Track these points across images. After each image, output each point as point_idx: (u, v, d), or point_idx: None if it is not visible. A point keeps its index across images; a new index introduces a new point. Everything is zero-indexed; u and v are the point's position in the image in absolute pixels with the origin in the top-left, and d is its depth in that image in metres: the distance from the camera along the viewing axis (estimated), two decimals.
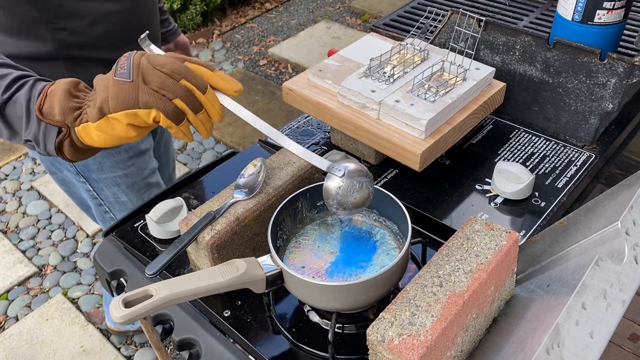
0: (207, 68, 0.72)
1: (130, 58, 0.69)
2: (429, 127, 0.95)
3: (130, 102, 0.68)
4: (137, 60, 0.69)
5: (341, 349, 0.79)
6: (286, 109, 2.94)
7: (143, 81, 0.68)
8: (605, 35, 1.06)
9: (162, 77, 0.68)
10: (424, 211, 0.98)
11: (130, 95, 0.68)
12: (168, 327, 0.87)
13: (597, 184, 1.08)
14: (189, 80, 0.70)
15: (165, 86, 0.68)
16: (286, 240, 0.84)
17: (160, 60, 0.69)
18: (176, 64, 0.69)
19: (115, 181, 1.31)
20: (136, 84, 0.68)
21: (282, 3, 4.02)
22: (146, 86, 0.68)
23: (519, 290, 0.75)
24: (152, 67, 0.69)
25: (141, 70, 0.68)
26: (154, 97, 0.68)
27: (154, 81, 0.68)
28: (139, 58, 0.69)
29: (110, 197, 1.34)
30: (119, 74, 0.68)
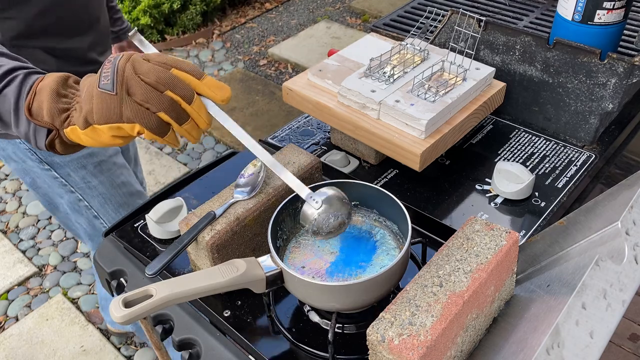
0: (195, 75, 0.68)
1: (114, 65, 0.66)
2: (429, 127, 0.95)
3: (114, 116, 0.66)
4: (121, 69, 0.65)
5: (341, 349, 0.79)
6: (286, 109, 2.94)
7: (127, 93, 0.65)
8: (605, 35, 1.06)
9: (146, 90, 0.65)
10: (424, 211, 0.98)
11: (113, 110, 0.65)
12: (168, 327, 0.87)
13: (597, 184, 1.08)
14: (175, 91, 0.66)
15: (149, 99, 0.65)
16: (286, 240, 0.84)
17: (145, 68, 0.66)
18: (162, 73, 0.66)
19: (81, 162, 1.27)
20: (120, 97, 0.65)
21: (282, 3, 4.02)
22: (130, 99, 0.65)
23: (519, 290, 0.75)
24: (137, 77, 0.65)
25: (125, 81, 0.65)
26: (137, 112, 0.65)
27: (138, 93, 0.65)
28: (124, 65, 0.66)
29: (80, 182, 1.29)
30: (103, 84, 0.65)
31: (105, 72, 0.66)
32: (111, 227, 1.01)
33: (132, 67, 0.66)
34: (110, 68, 0.66)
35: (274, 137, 1.19)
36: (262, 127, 2.86)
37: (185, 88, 0.67)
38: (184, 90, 0.67)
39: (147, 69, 0.65)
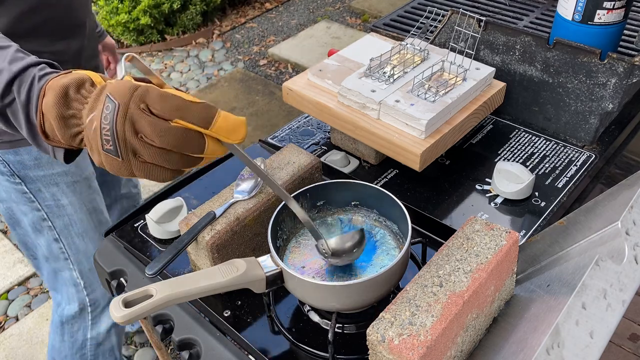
0: (203, 125, 0.58)
1: (112, 126, 0.57)
2: (429, 127, 0.95)
3: (125, 173, 0.60)
4: (120, 132, 0.57)
5: (341, 349, 0.79)
6: (286, 109, 2.94)
7: (133, 155, 0.59)
8: (605, 35, 1.06)
9: (153, 153, 0.58)
10: (424, 211, 0.98)
11: (123, 170, 0.60)
12: (168, 327, 0.87)
13: (597, 184, 1.08)
14: (183, 151, 0.59)
15: (157, 161, 0.59)
16: (286, 240, 0.84)
17: (147, 129, 0.57)
18: (167, 136, 0.57)
19: (54, 179, 1.22)
20: (127, 161, 0.59)
21: (282, 3, 4.02)
22: (137, 160, 0.59)
23: (519, 290, 0.75)
24: (140, 140, 0.58)
25: (128, 145, 0.58)
26: (149, 170, 0.60)
27: (145, 155, 0.59)
28: (122, 127, 0.57)
29: (49, 199, 1.23)
30: (106, 149, 0.58)
31: (105, 134, 0.58)
32: (111, 227, 1.01)
33: (132, 129, 0.57)
34: (109, 130, 0.57)
35: (274, 137, 1.19)
36: (262, 127, 2.86)
37: (193, 145, 0.59)
38: (192, 148, 0.59)
39: (149, 130, 0.57)
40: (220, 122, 0.59)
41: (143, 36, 3.44)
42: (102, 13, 3.27)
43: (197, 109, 0.57)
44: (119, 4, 3.24)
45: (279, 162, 0.92)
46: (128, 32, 3.36)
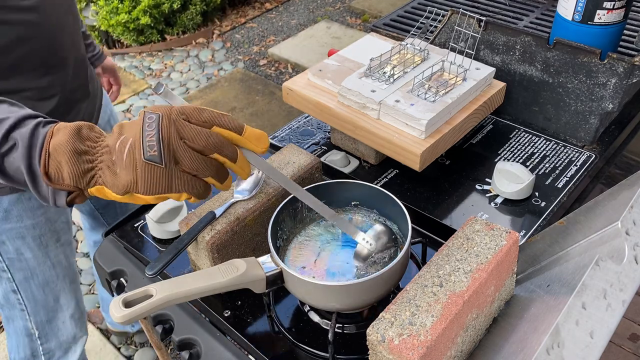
0: (237, 131, 0.64)
1: (157, 131, 0.60)
2: (429, 127, 0.95)
3: (162, 188, 0.61)
4: (166, 136, 0.60)
5: (341, 349, 0.79)
6: (286, 109, 2.95)
7: (174, 162, 0.61)
8: (605, 35, 1.06)
9: (195, 158, 0.61)
10: (424, 211, 0.98)
11: (161, 182, 0.61)
12: (168, 327, 0.87)
13: (597, 184, 1.08)
14: (221, 154, 0.63)
15: (198, 168, 0.62)
16: (286, 240, 0.84)
17: (191, 133, 0.61)
18: (209, 138, 0.62)
19: (21, 233, 1.15)
20: (169, 170, 0.61)
21: (282, 3, 4.02)
22: (178, 169, 0.61)
23: (519, 290, 0.75)
24: (184, 144, 0.61)
25: (172, 150, 0.60)
26: (186, 181, 0.62)
27: (187, 162, 0.61)
28: (168, 131, 0.60)
29: (11, 252, 1.17)
30: (150, 155, 0.60)
31: (150, 141, 0.60)
32: (111, 227, 1.01)
33: (176, 133, 0.61)
34: (154, 135, 0.60)
35: (274, 137, 1.19)
36: (262, 127, 2.86)
37: (231, 149, 0.64)
38: (230, 152, 0.64)
39: (192, 134, 0.61)
40: (249, 130, 0.65)
41: (143, 36, 3.44)
42: (102, 13, 3.27)
43: (229, 118, 0.64)
44: (119, 4, 3.24)
45: (279, 162, 0.92)
46: (128, 32, 3.36)
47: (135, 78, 3.30)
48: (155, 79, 3.30)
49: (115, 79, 1.51)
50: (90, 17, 3.38)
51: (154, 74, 3.33)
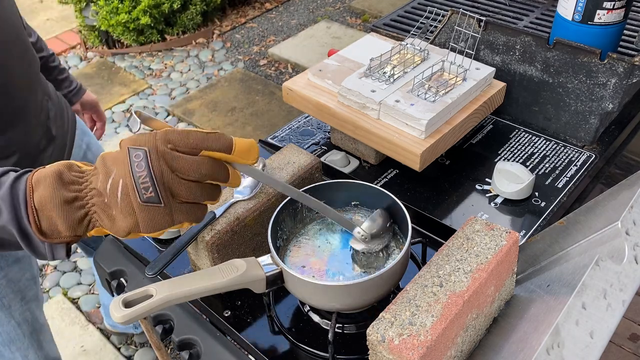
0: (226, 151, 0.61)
1: (150, 171, 0.57)
2: (429, 127, 0.95)
3: (165, 224, 0.60)
4: (159, 175, 0.57)
5: (341, 349, 0.79)
6: (286, 109, 2.94)
7: (172, 197, 0.59)
8: (605, 35, 1.06)
9: (191, 188, 0.59)
10: (424, 211, 0.98)
11: (164, 219, 0.59)
12: (168, 327, 0.87)
13: (597, 184, 1.08)
14: (215, 179, 0.61)
15: (195, 196, 0.60)
16: (286, 240, 0.84)
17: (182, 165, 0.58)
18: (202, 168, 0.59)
19: None
20: (169, 206, 0.58)
21: (282, 3, 4.02)
22: (176, 202, 0.59)
23: (519, 290, 0.75)
24: (178, 178, 0.58)
25: (168, 186, 0.58)
26: (187, 211, 0.60)
27: (184, 194, 0.59)
28: (160, 169, 0.57)
29: None
30: (147, 197, 0.57)
31: (143, 182, 0.57)
32: None
33: (168, 168, 0.58)
34: (146, 175, 0.57)
35: (274, 137, 1.19)
36: (262, 127, 2.86)
37: (223, 173, 0.62)
38: (223, 175, 0.62)
39: (184, 166, 0.58)
40: (238, 146, 0.62)
41: (143, 36, 3.44)
42: (102, 13, 3.27)
43: (216, 138, 0.60)
44: (119, 4, 3.24)
45: (279, 162, 0.92)
46: (128, 32, 3.36)
47: (136, 78, 3.30)
48: (156, 79, 3.29)
49: (98, 114, 1.39)
50: (90, 17, 3.37)
51: (154, 74, 3.33)
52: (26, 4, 4.17)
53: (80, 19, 3.45)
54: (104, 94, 3.19)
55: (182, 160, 0.58)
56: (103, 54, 3.52)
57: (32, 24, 3.99)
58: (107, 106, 3.09)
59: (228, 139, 0.61)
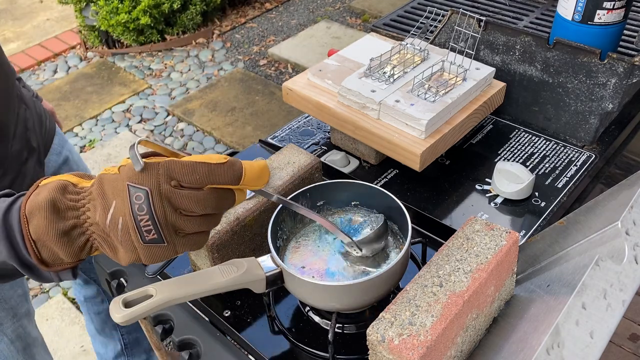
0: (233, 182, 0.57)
1: (152, 214, 0.54)
2: (429, 127, 0.95)
3: (167, 256, 0.58)
4: (162, 217, 0.54)
5: (341, 349, 0.79)
6: (286, 109, 2.94)
7: (176, 233, 0.57)
8: (605, 35, 1.06)
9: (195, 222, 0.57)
10: (424, 211, 0.98)
11: (167, 253, 0.57)
12: (168, 327, 0.87)
13: (597, 184, 1.08)
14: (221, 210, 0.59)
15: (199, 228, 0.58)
16: (286, 240, 0.84)
17: (187, 203, 0.55)
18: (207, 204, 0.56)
19: None
20: (172, 243, 0.56)
21: (282, 3, 4.02)
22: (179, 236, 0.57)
23: (519, 290, 0.75)
24: (182, 216, 0.56)
25: (170, 224, 0.55)
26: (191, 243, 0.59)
27: (188, 228, 0.57)
28: (163, 211, 0.54)
29: None
30: (149, 240, 0.55)
31: (145, 225, 0.54)
32: None
33: (170, 207, 0.54)
34: (148, 219, 0.54)
35: (274, 137, 1.19)
36: (262, 127, 2.86)
37: (230, 200, 0.59)
38: (230, 203, 0.59)
39: (188, 204, 0.55)
40: (248, 175, 0.58)
41: (143, 36, 3.45)
42: (102, 13, 3.27)
43: (225, 170, 0.56)
44: (119, 4, 3.24)
45: (279, 162, 0.92)
46: (128, 32, 3.36)
47: (135, 78, 3.30)
48: (156, 79, 3.29)
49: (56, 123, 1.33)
50: (90, 17, 3.38)
51: (154, 74, 3.33)
52: (26, 4, 4.17)
53: (80, 19, 3.45)
54: (103, 94, 3.19)
55: (186, 198, 0.55)
56: (103, 54, 3.52)
57: (32, 23, 3.99)
58: (107, 106, 3.10)
59: (237, 170, 0.57)
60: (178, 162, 0.55)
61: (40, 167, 1.12)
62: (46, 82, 3.30)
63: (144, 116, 3.02)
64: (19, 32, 3.77)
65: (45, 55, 3.53)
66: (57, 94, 3.19)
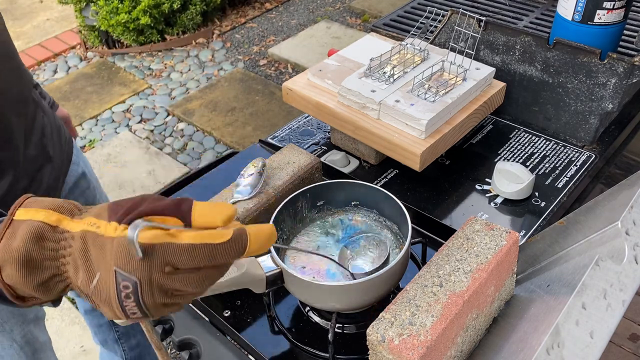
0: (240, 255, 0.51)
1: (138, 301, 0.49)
2: (429, 127, 0.95)
3: None
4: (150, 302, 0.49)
5: (341, 349, 0.78)
6: (286, 109, 2.94)
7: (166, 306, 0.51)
8: (605, 35, 1.06)
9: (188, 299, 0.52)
10: (424, 211, 0.98)
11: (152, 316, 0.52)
12: (168, 327, 0.87)
13: (597, 184, 1.08)
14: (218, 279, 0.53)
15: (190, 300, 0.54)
16: (286, 240, 0.84)
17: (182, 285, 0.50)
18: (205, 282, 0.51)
19: None
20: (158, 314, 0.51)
21: (282, 3, 4.02)
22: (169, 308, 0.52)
23: (519, 290, 0.75)
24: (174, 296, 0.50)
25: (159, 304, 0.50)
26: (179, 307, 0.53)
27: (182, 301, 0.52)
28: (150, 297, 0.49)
29: None
30: (135, 318, 0.50)
31: (131, 309, 0.49)
32: None
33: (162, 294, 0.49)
34: (135, 306, 0.49)
35: (274, 137, 1.19)
36: (262, 127, 2.86)
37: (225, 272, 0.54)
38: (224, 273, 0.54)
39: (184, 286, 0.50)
40: (253, 246, 0.52)
41: (143, 36, 3.44)
42: (102, 13, 3.27)
43: (228, 248, 0.50)
44: (119, 4, 3.24)
45: (279, 162, 0.92)
46: (128, 32, 3.36)
47: (135, 78, 3.30)
48: (156, 79, 3.29)
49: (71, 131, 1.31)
50: (90, 17, 3.37)
51: (154, 74, 3.33)
52: (26, 4, 4.17)
53: (80, 19, 3.45)
54: (104, 94, 3.19)
55: (180, 282, 0.50)
56: (103, 54, 3.52)
57: (32, 24, 3.99)
58: (107, 106, 3.10)
59: (242, 245, 0.50)
60: (176, 247, 0.49)
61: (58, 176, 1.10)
62: (46, 82, 3.30)
63: (144, 116, 3.02)
64: (19, 32, 3.78)
65: (45, 55, 3.53)
66: (57, 94, 3.19)
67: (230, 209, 0.51)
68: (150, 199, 0.51)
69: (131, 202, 0.50)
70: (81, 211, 0.52)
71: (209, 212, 0.51)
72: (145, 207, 0.50)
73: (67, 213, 0.52)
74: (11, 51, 0.98)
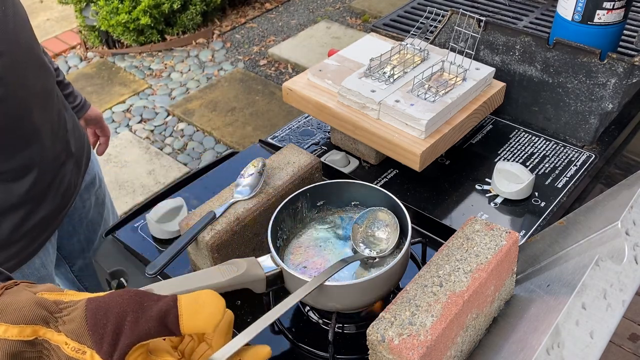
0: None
1: None
2: (429, 127, 0.95)
3: None
4: None
5: (341, 349, 0.78)
6: (286, 109, 2.94)
7: None
8: (605, 35, 1.06)
9: None
10: (424, 211, 0.98)
11: None
12: None
13: (597, 184, 1.08)
14: None
15: None
16: (286, 240, 0.84)
17: None
18: None
19: None
20: None
21: (282, 3, 4.02)
22: None
23: (519, 290, 0.75)
24: None
25: None
26: None
27: None
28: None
29: None
30: None
31: None
32: (111, 227, 1.01)
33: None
34: None
35: (274, 137, 1.19)
36: (262, 127, 2.86)
37: None
38: None
39: None
40: None
41: (143, 36, 3.45)
42: (102, 13, 3.27)
43: None
44: (119, 4, 3.24)
45: (279, 162, 0.92)
46: (128, 32, 3.36)
47: (136, 78, 3.30)
48: (156, 79, 3.29)
49: (102, 129, 1.33)
50: (90, 17, 3.38)
51: (154, 74, 3.33)
52: (26, 4, 4.17)
53: (80, 19, 3.45)
54: (104, 94, 3.19)
55: None
56: (103, 54, 3.52)
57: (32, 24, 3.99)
58: (107, 106, 3.10)
59: None
60: None
61: (79, 172, 1.11)
62: None
63: (144, 116, 3.02)
64: None
65: None
66: None
67: (218, 314, 0.50)
68: (131, 314, 0.47)
69: (114, 323, 0.47)
70: (53, 314, 0.48)
71: (198, 319, 0.49)
72: (131, 333, 0.47)
73: (41, 322, 0.48)
74: (34, 45, 0.98)
